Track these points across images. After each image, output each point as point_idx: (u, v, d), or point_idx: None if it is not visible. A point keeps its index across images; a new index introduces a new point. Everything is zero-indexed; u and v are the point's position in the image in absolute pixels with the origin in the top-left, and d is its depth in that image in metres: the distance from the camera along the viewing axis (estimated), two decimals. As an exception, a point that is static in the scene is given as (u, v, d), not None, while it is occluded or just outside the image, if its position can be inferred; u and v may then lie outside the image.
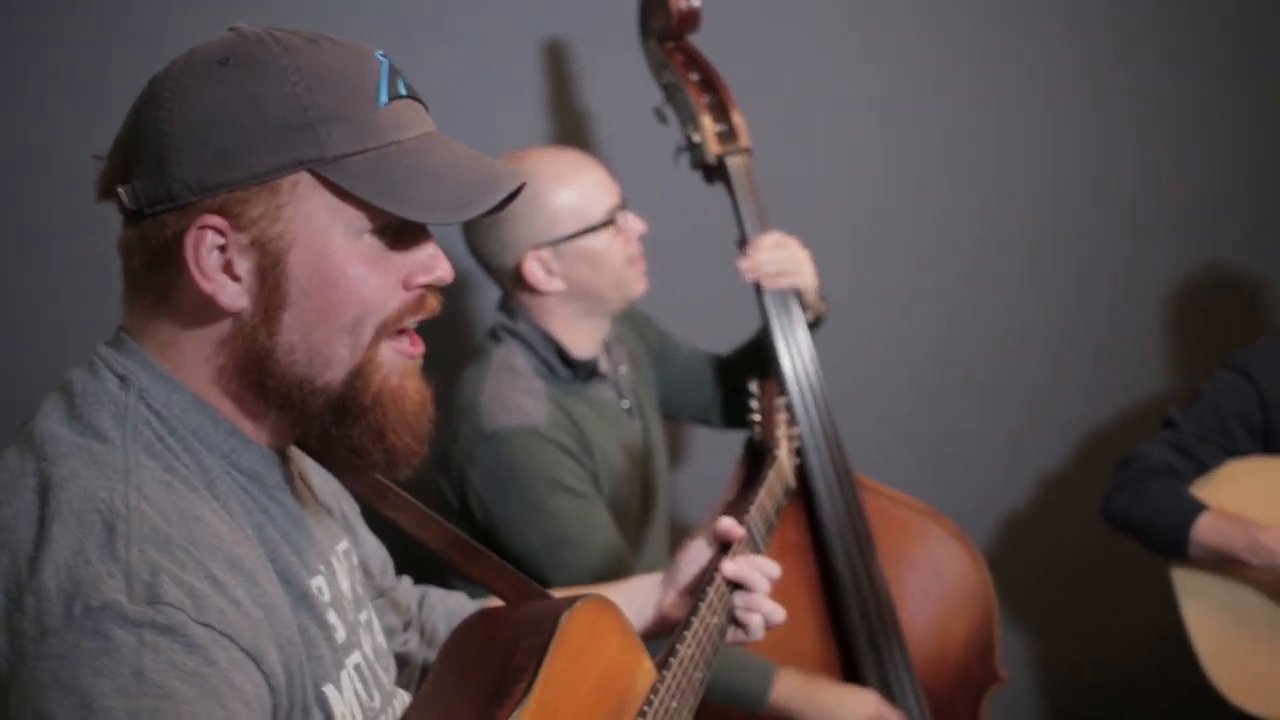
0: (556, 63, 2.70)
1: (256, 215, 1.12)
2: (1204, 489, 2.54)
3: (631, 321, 2.44)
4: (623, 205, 2.24)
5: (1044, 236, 3.19)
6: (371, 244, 1.16)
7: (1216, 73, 3.29)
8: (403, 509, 1.42)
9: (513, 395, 2.16)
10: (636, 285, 2.26)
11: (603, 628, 1.41)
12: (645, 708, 1.40)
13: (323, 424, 1.18)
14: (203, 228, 1.11)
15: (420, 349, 1.22)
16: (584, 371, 2.25)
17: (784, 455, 1.94)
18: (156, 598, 1.01)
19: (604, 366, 2.31)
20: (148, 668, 0.98)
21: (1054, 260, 3.21)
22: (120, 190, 1.13)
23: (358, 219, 1.14)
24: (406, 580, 1.60)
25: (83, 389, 1.15)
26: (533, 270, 2.20)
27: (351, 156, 1.13)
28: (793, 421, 2.12)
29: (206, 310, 1.14)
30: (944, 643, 2.43)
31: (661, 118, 2.38)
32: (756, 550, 1.66)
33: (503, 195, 1.17)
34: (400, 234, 1.17)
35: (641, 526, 2.34)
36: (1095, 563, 3.21)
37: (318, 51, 1.14)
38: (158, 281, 1.15)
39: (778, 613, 1.60)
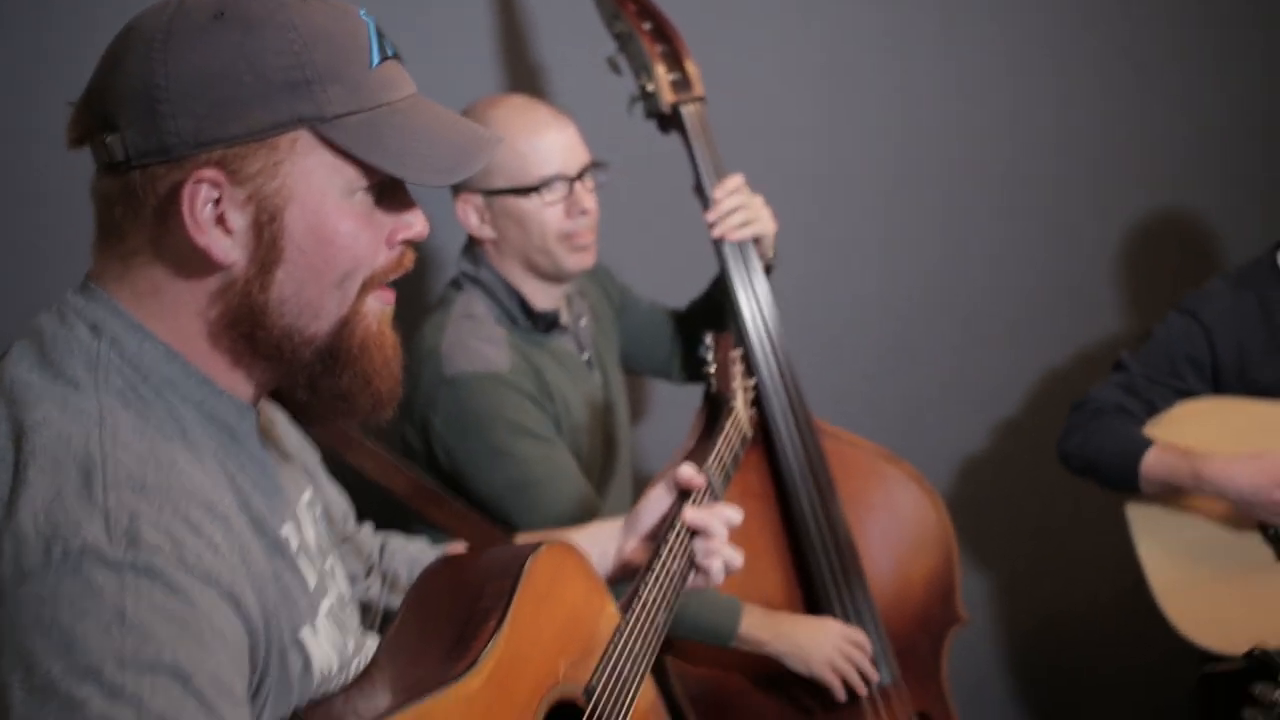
0: (508, 13, 2.69)
1: (254, 171, 1.13)
2: (1155, 429, 2.57)
3: (593, 275, 2.44)
4: (578, 177, 2.22)
5: (1003, 185, 3.22)
6: (362, 201, 1.18)
7: (1176, 21, 3.33)
8: (368, 457, 1.44)
9: (474, 342, 2.17)
10: (569, 259, 2.23)
11: (567, 572, 1.43)
12: (610, 649, 1.43)
13: (310, 373, 1.20)
14: (199, 181, 1.12)
15: (393, 296, 1.24)
16: (544, 323, 2.26)
17: (740, 406, 1.96)
18: (136, 540, 1.02)
19: (565, 319, 2.32)
20: (129, 609, 0.99)
21: (1013, 207, 3.24)
22: (107, 140, 1.12)
23: (354, 177, 1.16)
24: (367, 527, 1.61)
25: (53, 336, 1.15)
26: (465, 213, 2.22)
27: (347, 117, 1.14)
28: (749, 372, 2.14)
29: (196, 263, 1.15)
30: (905, 585, 2.46)
31: (615, 68, 2.38)
32: (715, 497, 1.69)
33: (486, 157, 1.21)
34: (385, 192, 1.19)
35: (603, 478, 2.36)
36: (1055, 506, 3.26)
37: (309, 9, 1.15)
38: (143, 232, 1.15)
39: (737, 558, 1.63)
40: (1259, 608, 2.46)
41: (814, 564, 2.35)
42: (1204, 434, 2.54)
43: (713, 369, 2.01)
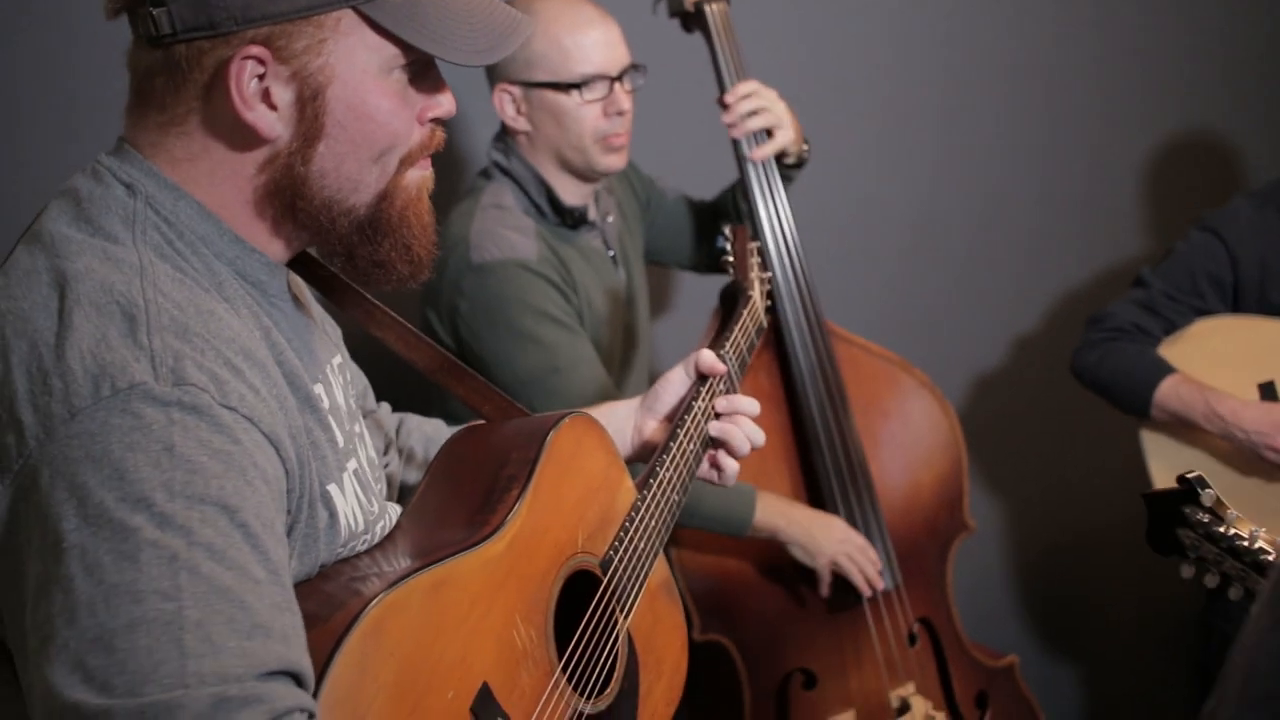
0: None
1: (300, 49, 1.15)
2: (1173, 347, 2.58)
3: (621, 172, 2.44)
4: (617, 77, 2.21)
5: (1024, 98, 3.21)
6: (398, 79, 1.20)
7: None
8: (391, 329, 1.45)
9: (501, 230, 2.18)
10: (603, 159, 2.24)
11: (588, 444, 1.46)
12: (627, 524, 1.46)
13: (349, 243, 1.23)
14: (246, 58, 1.14)
15: (431, 167, 1.28)
16: (572, 218, 2.27)
17: (757, 295, 1.97)
18: (182, 379, 1.05)
19: (592, 215, 2.33)
20: (177, 443, 1.02)
21: (1034, 120, 3.23)
22: (153, 12, 1.13)
23: (393, 57, 1.19)
24: (386, 405, 1.64)
25: (89, 193, 1.17)
26: (502, 101, 2.23)
27: None
28: (765, 266, 2.15)
29: (241, 136, 1.17)
30: (914, 490, 2.48)
31: None
32: (732, 385, 1.70)
33: (520, 41, 1.23)
34: (418, 71, 1.22)
35: (623, 372, 2.39)
36: (1066, 421, 3.27)
37: None
38: (186, 104, 1.17)
39: (758, 434, 1.64)
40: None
41: (821, 468, 2.37)
42: (1220, 353, 2.55)
43: (731, 259, 2.02)
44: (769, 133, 2.35)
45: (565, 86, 2.19)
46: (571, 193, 2.27)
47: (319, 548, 1.18)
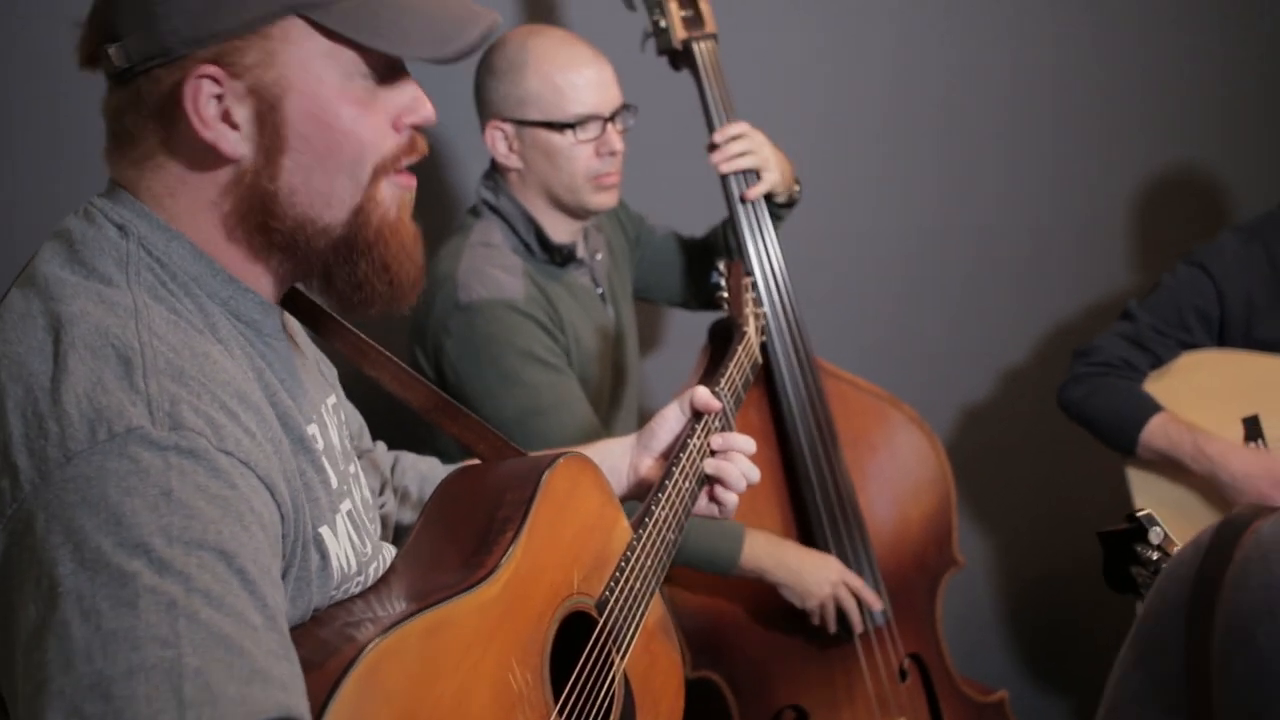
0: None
1: (251, 63, 1.14)
2: (1158, 381, 2.59)
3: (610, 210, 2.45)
4: (609, 117, 2.23)
5: (1012, 133, 3.22)
6: (363, 85, 1.18)
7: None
8: (385, 368, 1.45)
9: (489, 269, 2.18)
10: (594, 198, 2.25)
11: (583, 484, 1.45)
12: (623, 564, 1.45)
13: (326, 264, 1.21)
14: (200, 77, 1.13)
15: (413, 181, 1.25)
16: (560, 256, 2.27)
17: (752, 332, 1.97)
18: (179, 424, 1.04)
19: (581, 253, 2.33)
20: (175, 488, 1.00)
21: (1022, 155, 3.24)
22: (110, 50, 1.14)
23: (350, 61, 1.17)
24: (381, 444, 1.63)
25: (82, 235, 1.16)
26: (494, 139, 2.23)
27: (339, 1, 1.15)
28: (758, 301, 2.15)
29: (206, 159, 1.16)
30: (903, 526, 2.48)
31: (629, 4, 2.38)
32: (727, 420, 1.70)
33: (482, 29, 1.20)
34: (386, 76, 1.20)
35: (611, 410, 2.38)
36: (1054, 455, 3.28)
37: None
38: (153, 135, 1.17)
39: (754, 471, 1.64)
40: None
41: (811, 503, 2.37)
42: (1206, 387, 2.56)
43: (725, 294, 2.02)
44: (757, 174, 2.36)
45: (559, 126, 2.19)
46: (560, 230, 2.28)
47: (312, 591, 1.17)
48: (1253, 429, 2.53)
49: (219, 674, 0.95)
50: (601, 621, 1.39)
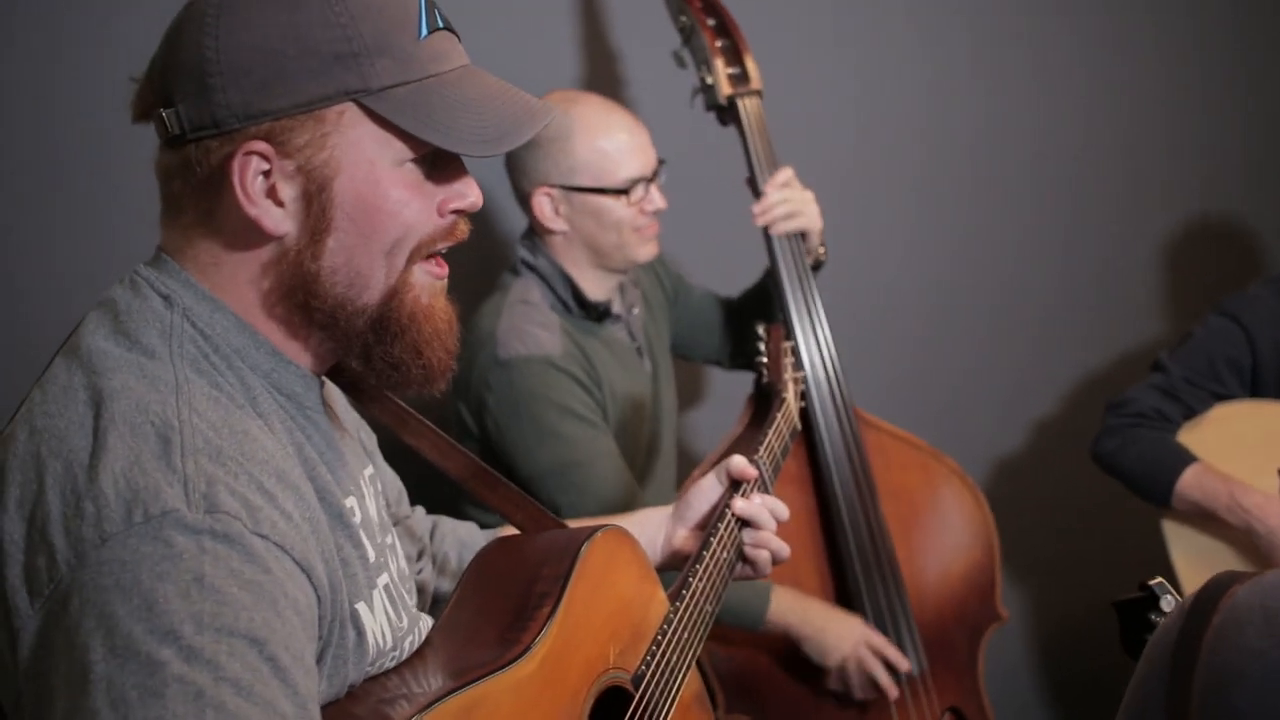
0: (585, 5, 2.71)
1: (302, 143, 1.14)
2: (1192, 432, 2.56)
3: (648, 264, 2.47)
4: (651, 177, 2.29)
5: (1040, 183, 3.21)
6: (411, 171, 1.19)
7: (1207, 23, 3.31)
8: (425, 437, 1.45)
9: (528, 326, 2.23)
10: (640, 250, 2.31)
11: (621, 558, 1.45)
12: (659, 637, 1.44)
13: (364, 343, 1.21)
14: (248, 153, 1.14)
15: (445, 270, 1.25)
16: (597, 312, 2.32)
17: (791, 398, 1.97)
18: (215, 507, 1.04)
19: (617, 308, 2.37)
20: (208, 573, 1.01)
21: (1050, 205, 3.23)
22: (163, 114, 1.15)
23: (400, 149, 1.18)
24: (420, 510, 1.63)
25: (127, 306, 1.17)
26: (540, 205, 2.28)
27: (394, 88, 1.16)
28: (798, 365, 2.16)
29: (250, 234, 1.17)
30: (945, 580, 2.47)
31: (680, 61, 2.42)
32: (765, 489, 1.70)
33: (535, 130, 1.21)
34: (437, 162, 1.21)
35: (648, 463, 2.39)
36: (1091, 507, 3.24)
37: None
38: (200, 204, 1.17)
39: (784, 549, 1.65)
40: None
41: (846, 553, 2.36)
42: (1240, 439, 2.54)
43: (765, 359, 2.03)
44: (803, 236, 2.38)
45: (613, 191, 2.25)
46: (596, 288, 2.33)
47: (348, 668, 1.17)
48: (1291, 481, 2.51)
49: None
50: (638, 697, 1.38)
